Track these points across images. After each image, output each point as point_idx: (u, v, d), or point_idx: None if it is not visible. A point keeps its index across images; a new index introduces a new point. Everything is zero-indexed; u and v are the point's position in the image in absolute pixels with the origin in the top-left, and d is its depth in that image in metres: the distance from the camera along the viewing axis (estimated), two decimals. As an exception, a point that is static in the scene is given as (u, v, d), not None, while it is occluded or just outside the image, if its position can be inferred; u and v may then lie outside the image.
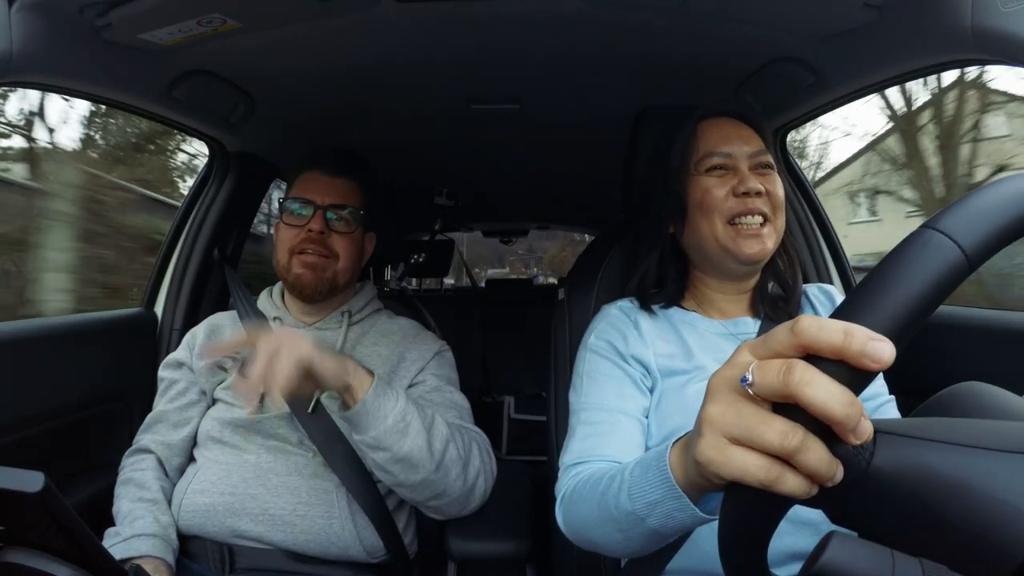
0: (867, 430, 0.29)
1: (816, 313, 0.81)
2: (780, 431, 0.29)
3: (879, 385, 0.76)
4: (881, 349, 0.27)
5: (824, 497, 0.31)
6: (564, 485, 0.66)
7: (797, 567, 0.61)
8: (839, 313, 0.30)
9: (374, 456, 0.77)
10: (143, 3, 0.77)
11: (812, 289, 0.84)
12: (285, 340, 0.67)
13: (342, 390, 0.74)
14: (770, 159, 0.76)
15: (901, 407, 0.74)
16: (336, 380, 0.72)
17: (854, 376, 0.28)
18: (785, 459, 0.29)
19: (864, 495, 0.31)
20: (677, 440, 0.44)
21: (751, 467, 0.30)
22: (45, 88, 0.85)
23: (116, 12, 0.77)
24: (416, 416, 0.78)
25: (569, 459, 0.69)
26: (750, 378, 0.30)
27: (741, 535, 0.34)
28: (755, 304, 0.80)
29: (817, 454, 0.29)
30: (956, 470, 0.29)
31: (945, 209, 0.31)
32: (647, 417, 0.73)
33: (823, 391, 0.27)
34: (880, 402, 0.74)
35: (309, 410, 0.89)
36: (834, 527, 0.32)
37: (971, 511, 0.28)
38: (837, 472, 0.29)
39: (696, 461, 0.34)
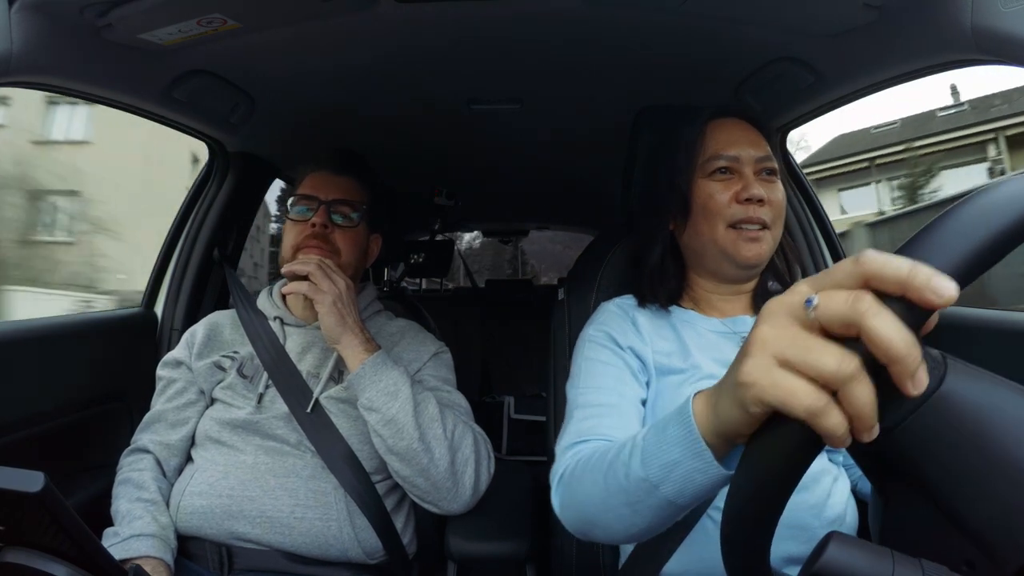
0: (924, 381, 0.28)
1: None
2: (837, 355, 0.29)
3: None
4: (945, 284, 0.27)
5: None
6: (562, 465, 0.62)
7: (795, 571, 0.61)
8: (899, 252, 0.30)
9: (369, 418, 0.85)
10: (143, 3, 0.77)
11: None
12: (336, 282, 0.87)
13: (332, 345, 0.87)
14: (775, 165, 0.76)
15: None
16: (327, 330, 0.86)
17: (912, 319, 0.28)
18: (834, 390, 0.29)
19: (924, 423, 0.31)
20: (700, 391, 0.43)
21: (799, 391, 0.29)
22: (45, 88, 0.84)
23: (116, 12, 0.77)
24: (408, 388, 0.85)
25: (568, 440, 0.66)
26: (815, 300, 0.30)
27: (757, 492, 0.33)
28: (756, 302, 0.80)
29: (867, 390, 0.28)
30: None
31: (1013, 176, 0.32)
32: (644, 407, 0.72)
33: (889, 324, 0.27)
34: None
35: (308, 410, 0.89)
36: (834, 528, 0.32)
37: None
38: (875, 427, 0.29)
39: (738, 383, 0.33)
